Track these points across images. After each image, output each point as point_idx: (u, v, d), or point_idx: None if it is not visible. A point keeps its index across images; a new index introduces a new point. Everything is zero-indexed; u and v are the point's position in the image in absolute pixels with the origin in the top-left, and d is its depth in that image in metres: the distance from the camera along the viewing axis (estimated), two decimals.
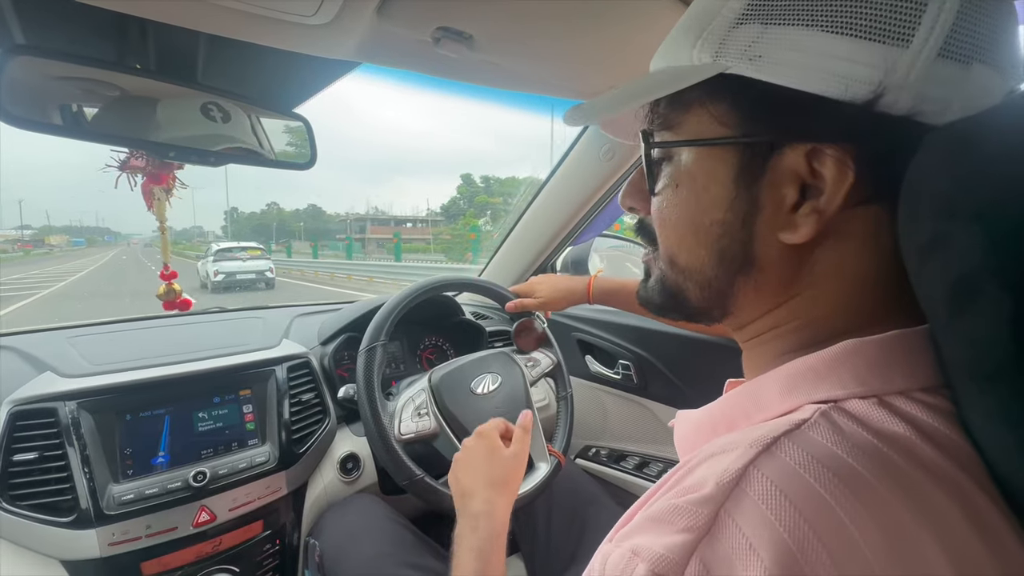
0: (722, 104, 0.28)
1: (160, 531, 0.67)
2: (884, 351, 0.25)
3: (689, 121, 0.29)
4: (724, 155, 0.28)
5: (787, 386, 0.27)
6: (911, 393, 0.24)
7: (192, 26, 0.52)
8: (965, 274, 0.21)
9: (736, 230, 0.28)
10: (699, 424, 0.33)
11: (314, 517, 0.82)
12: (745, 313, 0.31)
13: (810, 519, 0.20)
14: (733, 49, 0.27)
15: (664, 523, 0.23)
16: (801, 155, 0.26)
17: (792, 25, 0.25)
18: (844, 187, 0.25)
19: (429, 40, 0.60)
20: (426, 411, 0.77)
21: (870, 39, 0.24)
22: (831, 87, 0.24)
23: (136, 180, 0.69)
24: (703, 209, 0.29)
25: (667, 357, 1.01)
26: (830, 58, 0.24)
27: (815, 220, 0.26)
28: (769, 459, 0.22)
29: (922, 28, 0.24)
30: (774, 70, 0.26)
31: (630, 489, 1.03)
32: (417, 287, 0.86)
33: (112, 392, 0.70)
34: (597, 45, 0.65)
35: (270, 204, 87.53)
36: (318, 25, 0.53)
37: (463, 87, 0.76)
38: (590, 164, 1.02)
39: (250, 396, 0.81)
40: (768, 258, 0.28)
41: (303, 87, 0.73)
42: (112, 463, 0.68)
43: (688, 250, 0.31)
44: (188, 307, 0.88)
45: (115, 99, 0.62)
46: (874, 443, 0.22)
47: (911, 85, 0.24)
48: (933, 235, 0.23)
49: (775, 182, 0.27)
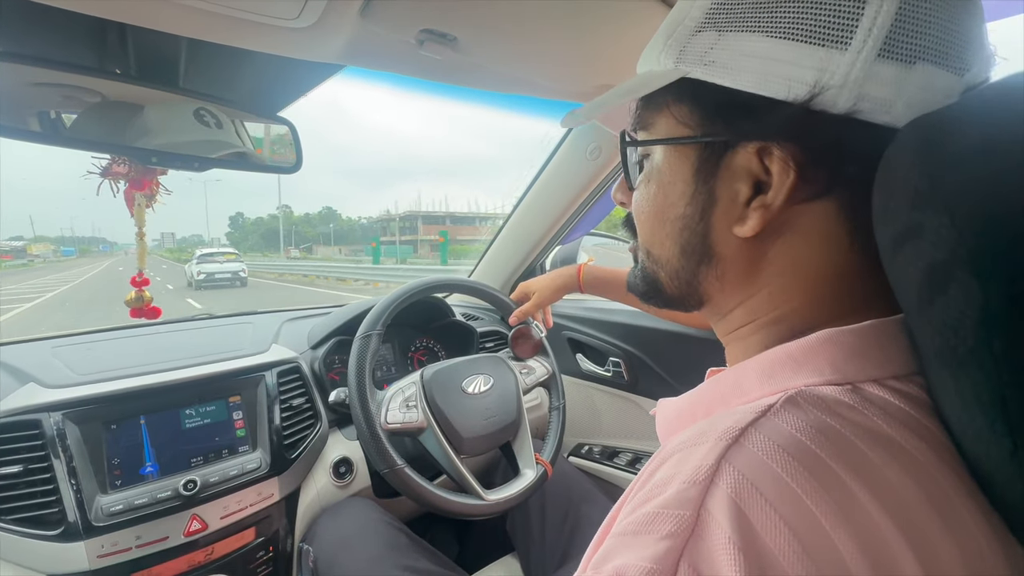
0: (684, 106, 0.30)
1: (150, 541, 0.66)
2: (860, 340, 0.26)
3: (659, 122, 0.32)
4: (686, 153, 0.30)
5: (766, 373, 0.28)
6: (884, 380, 0.25)
7: (173, 30, 0.52)
8: (936, 263, 0.22)
9: (695, 223, 0.30)
10: (679, 411, 0.34)
11: (307, 523, 0.82)
12: (718, 303, 0.32)
13: (778, 507, 0.20)
14: (692, 55, 0.29)
15: (643, 534, 0.22)
16: (752, 153, 0.28)
17: (742, 31, 0.27)
18: (788, 183, 0.27)
19: (413, 42, 0.60)
20: (415, 403, 0.77)
21: (810, 42, 0.25)
22: (775, 89, 0.26)
23: (119, 186, 0.68)
24: (669, 203, 0.31)
25: (656, 353, 1.02)
26: (774, 62, 0.26)
27: (762, 214, 0.28)
28: (738, 451, 0.22)
29: (859, 31, 0.25)
30: (725, 74, 0.28)
31: (623, 485, 1.04)
32: (415, 286, 0.86)
33: (98, 402, 0.69)
34: (581, 46, 0.65)
35: (281, 207, 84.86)
36: (301, 28, 0.53)
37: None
38: (577, 163, 1.02)
39: (240, 402, 0.80)
40: (726, 250, 0.30)
41: (287, 90, 0.73)
42: (99, 474, 0.67)
43: (659, 242, 0.33)
44: (157, 315, 0.86)
45: (95, 105, 0.61)
46: (837, 428, 0.23)
47: (850, 85, 0.25)
48: (906, 226, 0.23)
49: (730, 178, 0.29)
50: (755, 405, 0.25)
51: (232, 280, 14.04)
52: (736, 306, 0.32)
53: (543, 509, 0.90)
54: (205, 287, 13.19)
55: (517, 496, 0.78)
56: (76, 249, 77.71)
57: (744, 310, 0.31)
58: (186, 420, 0.75)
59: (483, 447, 0.81)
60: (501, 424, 0.82)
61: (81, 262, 43.81)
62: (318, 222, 74.53)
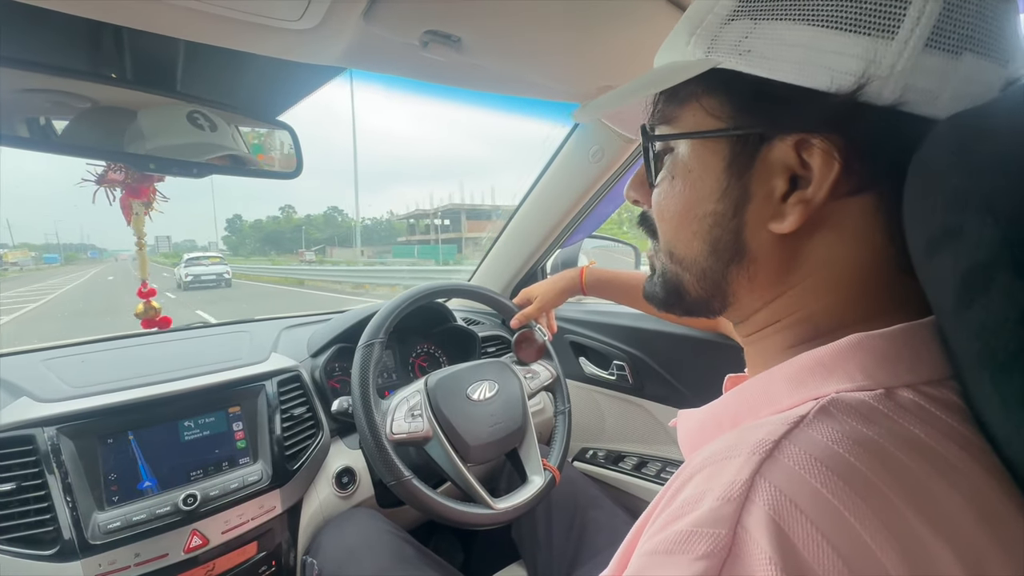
0: (715, 98, 0.29)
1: (150, 559, 0.64)
2: (891, 344, 0.25)
3: (685, 115, 0.30)
4: (717, 147, 0.29)
5: (796, 380, 0.27)
6: (917, 386, 0.24)
7: (172, 33, 0.50)
8: (977, 265, 0.21)
9: (727, 220, 0.29)
10: (703, 422, 0.32)
11: (311, 535, 0.80)
12: (744, 305, 0.31)
13: (819, 525, 0.19)
14: (724, 44, 0.28)
15: (677, 554, 0.21)
16: (790, 146, 0.26)
17: (780, 20, 0.26)
18: (830, 177, 0.26)
19: (417, 44, 0.59)
20: (420, 412, 0.75)
21: (855, 31, 0.25)
22: (817, 79, 0.25)
23: (115, 194, 0.66)
24: (697, 200, 0.30)
25: (661, 356, 1.02)
26: (816, 51, 0.25)
27: (802, 209, 0.26)
28: (773, 465, 0.22)
29: (907, 20, 0.24)
30: (763, 63, 0.26)
31: (629, 490, 1.03)
32: (417, 292, 0.84)
33: (93, 416, 0.67)
34: (585, 47, 0.64)
35: (285, 208, 79.78)
36: (303, 30, 0.52)
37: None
38: (579, 166, 1.02)
39: (239, 413, 0.78)
40: (760, 248, 0.29)
41: (287, 94, 0.71)
42: (96, 490, 0.65)
43: (684, 241, 0.31)
44: (168, 325, 0.85)
45: (87, 110, 0.60)
46: (874, 438, 0.22)
47: (897, 76, 0.24)
48: (943, 227, 0.23)
49: (765, 173, 0.27)
50: (787, 415, 0.24)
51: (217, 281, 15.25)
52: (762, 307, 0.31)
53: (549, 515, 0.89)
54: (192, 288, 14.33)
55: (526, 504, 0.77)
56: (61, 256, 73.34)
57: (769, 311, 0.30)
58: (185, 432, 0.73)
59: (490, 455, 0.80)
60: (507, 431, 0.81)
61: (66, 270, 39.74)
62: (323, 223, 71.96)
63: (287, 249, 56.76)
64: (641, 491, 1.00)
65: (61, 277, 25.26)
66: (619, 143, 0.94)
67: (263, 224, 76.70)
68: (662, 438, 1.03)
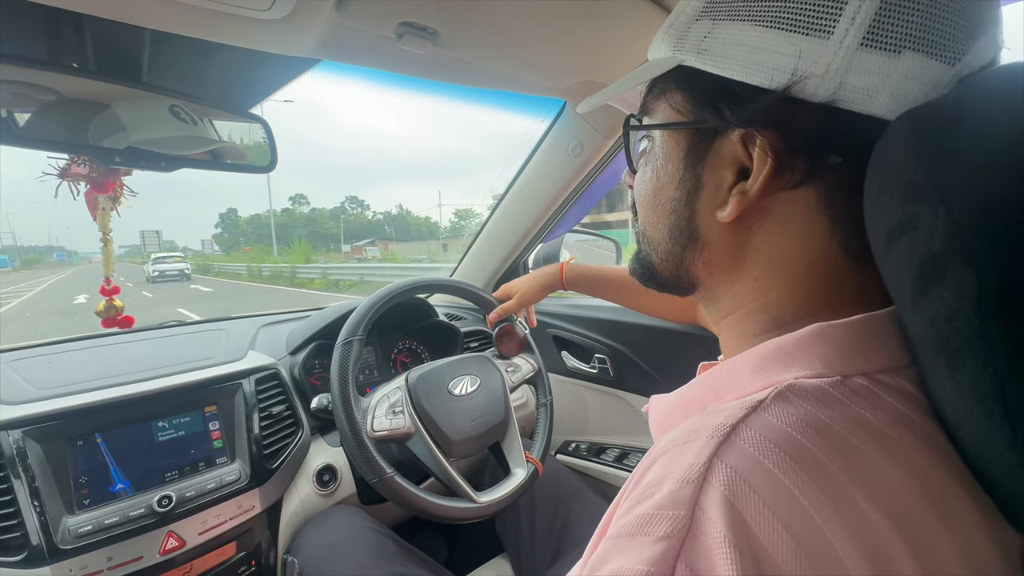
0: (679, 93, 0.31)
1: (123, 562, 0.63)
2: (849, 334, 0.26)
3: (659, 108, 0.33)
4: (679, 138, 0.31)
5: (759, 367, 0.28)
6: (872, 374, 0.25)
7: (136, 22, 0.49)
8: (932, 254, 0.22)
9: (682, 206, 0.31)
10: (672, 407, 0.33)
11: (291, 533, 0.79)
12: (708, 287, 0.33)
13: (771, 504, 0.20)
14: (688, 43, 0.30)
15: (639, 536, 0.22)
16: (737, 140, 0.28)
17: (734, 20, 0.28)
18: (765, 170, 0.27)
19: (392, 36, 0.59)
20: (401, 409, 0.75)
21: (794, 31, 0.26)
22: (759, 77, 0.27)
23: (79, 188, 0.63)
24: (661, 186, 0.33)
25: (641, 348, 1.03)
26: (760, 50, 0.27)
27: (738, 200, 0.28)
28: (730, 448, 0.22)
29: (843, 20, 0.25)
30: (717, 61, 0.28)
31: (611, 481, 1.04)
32: (396, 287, 0.83)
33: (61, 417, 0.65)
34: (563, 41, 0.64)
35: (295, 197, 72.05)
36: (274, 20, 0.51)
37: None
38: (559, 160, 1.02)
39: (216, 412, 0.77)
40: (711, 234, 0.31)
41: (259, 86, 0.70)
42: (65, 494, 0.63)
43: (652, 223, 0.34)
44: (130, 324, 0.82)
45: (50, 102, 0.57)
46: (826, 421, 0.23)
47: (831, 74, 0.25)
48: (900, 218, 0.23)
49: (717, 165, 0.29)
50: (746, 400, 0.25)
51: (179, 276, 18.62)
52: (725, 292, 0.32)
53: (532, 508, 0.89)
54: (158, 282, 17.21)
55: (509, 496, 0.77)
56: (15, 259, 58.73)
57: (732, 297, 0.32)
58: (159, 433, 0.72)
59: (472, 449, 0.80)
60: (489, 424, 0.81)
61: (20, 276, 29.59)
62: (328, 218, 65.08)
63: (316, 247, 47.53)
64: (623, 482, 1.01)
65: (12, 286, 18.64)
66: (599, 138, 0.94)
67: (262, 218, 68.01)
68: (643, 429, 1.05)
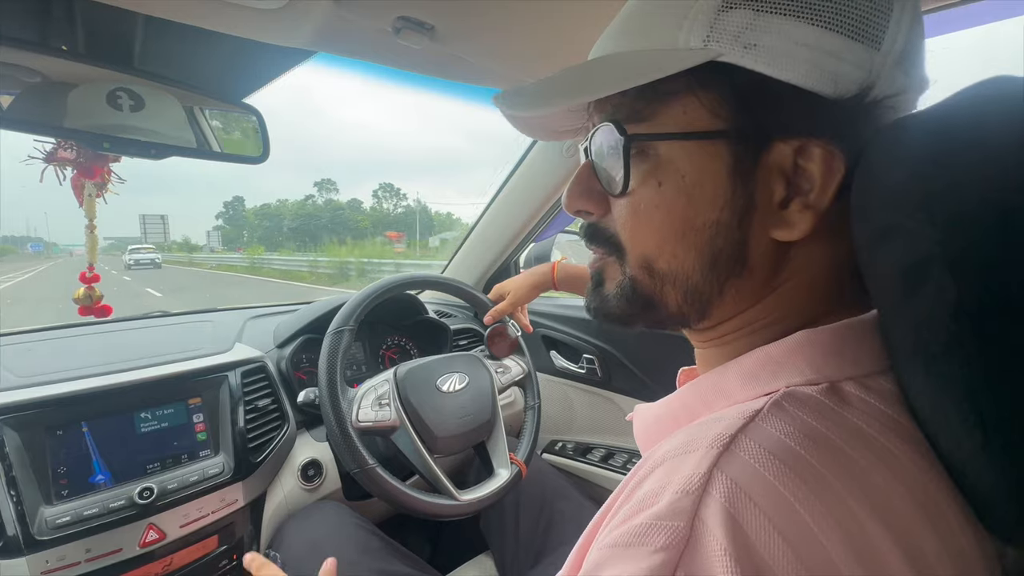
0: (712, 93, 0.26)
1: (102, 554, 0.62)
2: (836, 339, 0.26)
3: (670, 112, 0.27)
4: (714, 149, 0.26)
5: (748, 375, 0.28)
6: (860, 378, 0.26)
7: (130, 6, 0.48)
8: (914, 262, 0.22)
9: (732, 230, 0.27)
10: (659, 417, 0.33)
11: (274, 528, 0.79)
12: (717, 316, 0.30)
13: (771, 516, 0.20)
14: (725, 35, 0.25)
15: (636, 546, 0.21)
16: (791, 150, 0.26)
17: (783, 15, 0.25)
18: (835, 182, 0.25)
19: (389, 30, 0.58)
20: (388, 402, 0.75)
21: (853, 37, 0.24)
22: (822, 83, 0.24)
23: (65, 174, 0.62)
24: (696, 208, 0.27)
25: (629, 350, 1.04)
26: (820, 53, 0.24)
27: (811, 216, 0.26)
28: (730, 459, 0.22)
29: (888, 32, 0.25)
30: (773, 62, 0.24)
31: (596, 481, 1.05)
32: (389, 282, 0.83)
33: (41, 406, 0.64)
34: (566, 40, 0.65)
35: (322, 182, 61.22)
36: (271, 10, 0.51)
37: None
38: (552, 160, 1.02)
39: (200, 405, 0.76)
40: (759, 258, 0.27)
41: (253, 76, 0.69)
42: (43, 484, 0.62)
43: (672, 254, 0.28)
44: (108, 313, 0.80)
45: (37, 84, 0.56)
46: (822, 431, 0.23)
47: (879, 87, 0.25)
48: (884, 225, 0.24)
49: (766, 178, 0.26)
50: (743, 409, 0.25)
51: (152, 264, 23.37)
52: (734, 316, 0.29)
53: (517, 507, 0.90)
54: (134, 269, 21.04)
55: (491, 496, 0.77)
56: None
57: (741, 319, 0.30)
58: (141, 424, 0.70)
59: (457, 447, 0.80)
60: (476, 423, 0.81)
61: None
62: (347, 209, 54.29)
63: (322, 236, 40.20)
64: (608, 482, 1.02)
65: None
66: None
67: (272, 209, 57.34)
68: (628, 429, 1.05)
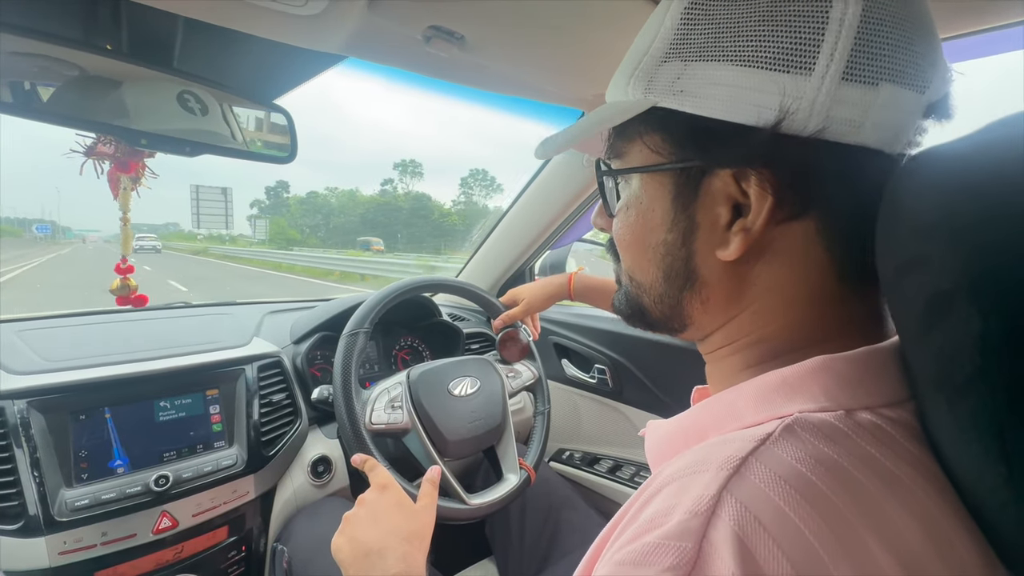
0: (656, 135, 0.30)
1: (117, 538, 0.63)
2: (854, 368, 0.26)
3: (633, 150, 0.32)
4: (663, 180, 0.31)
5: (761, 398, 0.28)
6: (876, 408, 0.25)
7: (174, 10, 0.50)
8: (940, 292, 0.22)
9: (677, 248, 0.31)
10: (670, 434, 0.33)
11: (282, 522, 0.80)
12: (701, 326, 0.33)
13: (780, 541, 0.20)
14: (660, 85, 0.29)
15: (644, 566, 0.22)
16: (728, 178, 0.28)
17: (708, 61, 0.28)
18: (765, 206, 0.27)
19: (420, 38, 0.60)
20: (400, 404, 0.76)
21: (775, 70, 0.26)
22: (745, 115, 0.27)
23: (103, 167, 0.64)
24: (649, 230, 0.32)
25: (643, 362, 1.03)
26: (742, 89, 0.27)
27: (743, 237, 0.28)
28: (740, 482, 0.22)
29: (822, 56, 0.25)
30: (696, 102, 0.28)
31: (603, 492, 1.04)
32: (405, 284, 0.84)
33: (66, 391, 0.66)
34: (588, 53, 0.65)
35: (404, 164, 51.09)
36: (307, 16, 0.52)
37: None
38: (570, 170, 1.03)
39: (217, 396, 0.78)
40: (710, 274, 0.30)
41: (285, 78, 0.71)
42: (65, 467, 0.63)
43: (641, 268, 0.33)
44: (144, 303, 0.83)
45: (81, 79, 0.58)
46: (834, 458, 0.23)
47: (818, 108, 0.26)
48: (911, 255, 0.24)
49: (709, 203, 0.29)
50: (754, 433, 0.25)
51: (152, 250, 25.51)
52: (717, 328, 0.32)
53: (523, 514, 0.90)
54: (137, 253, 21.56)
55: (500, 501, 0.77)
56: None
57: (723, 332, 0.32)
58: (160, 413, 0.72)
59: (467, 450, 0.80)
60: (486, 428, 0.82)
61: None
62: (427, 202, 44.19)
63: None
64: (615, 494, 1.02)
65: None
66: None
67: (320, 198, 46.25)
68: (638, 442, 1.05)
